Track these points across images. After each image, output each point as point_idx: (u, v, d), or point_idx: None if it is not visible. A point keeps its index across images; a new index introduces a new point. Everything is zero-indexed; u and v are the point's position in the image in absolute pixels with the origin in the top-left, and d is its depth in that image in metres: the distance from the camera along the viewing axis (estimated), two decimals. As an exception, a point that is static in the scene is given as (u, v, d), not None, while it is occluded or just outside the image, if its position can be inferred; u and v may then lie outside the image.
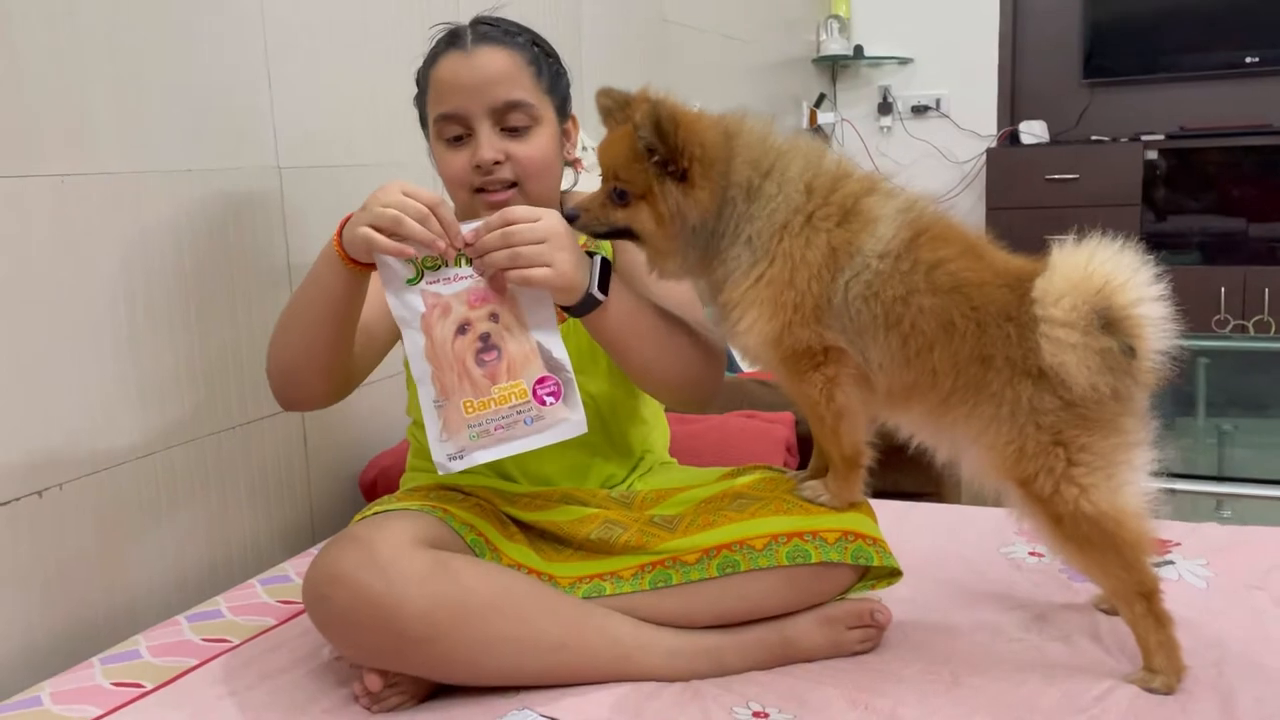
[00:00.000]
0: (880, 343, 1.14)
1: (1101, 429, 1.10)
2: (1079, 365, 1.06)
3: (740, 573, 1.18)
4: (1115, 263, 1.07)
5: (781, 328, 1.13)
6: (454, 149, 1.29)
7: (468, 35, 1.30)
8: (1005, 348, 1.11)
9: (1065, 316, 1.06)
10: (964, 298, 1.12)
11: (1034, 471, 1.11)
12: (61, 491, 1.37)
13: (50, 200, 1.34)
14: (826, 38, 4.46)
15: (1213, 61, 4.23)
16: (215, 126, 1.58)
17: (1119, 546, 1.11)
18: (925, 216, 1.15)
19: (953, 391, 1.13)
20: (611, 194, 1.17)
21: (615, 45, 2.77)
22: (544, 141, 1.31)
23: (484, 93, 1.27)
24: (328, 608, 1.12)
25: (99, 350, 1.41)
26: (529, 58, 1.31)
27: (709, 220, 1.14)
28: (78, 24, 1.37)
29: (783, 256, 1.13)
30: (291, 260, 1.71)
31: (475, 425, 1.13)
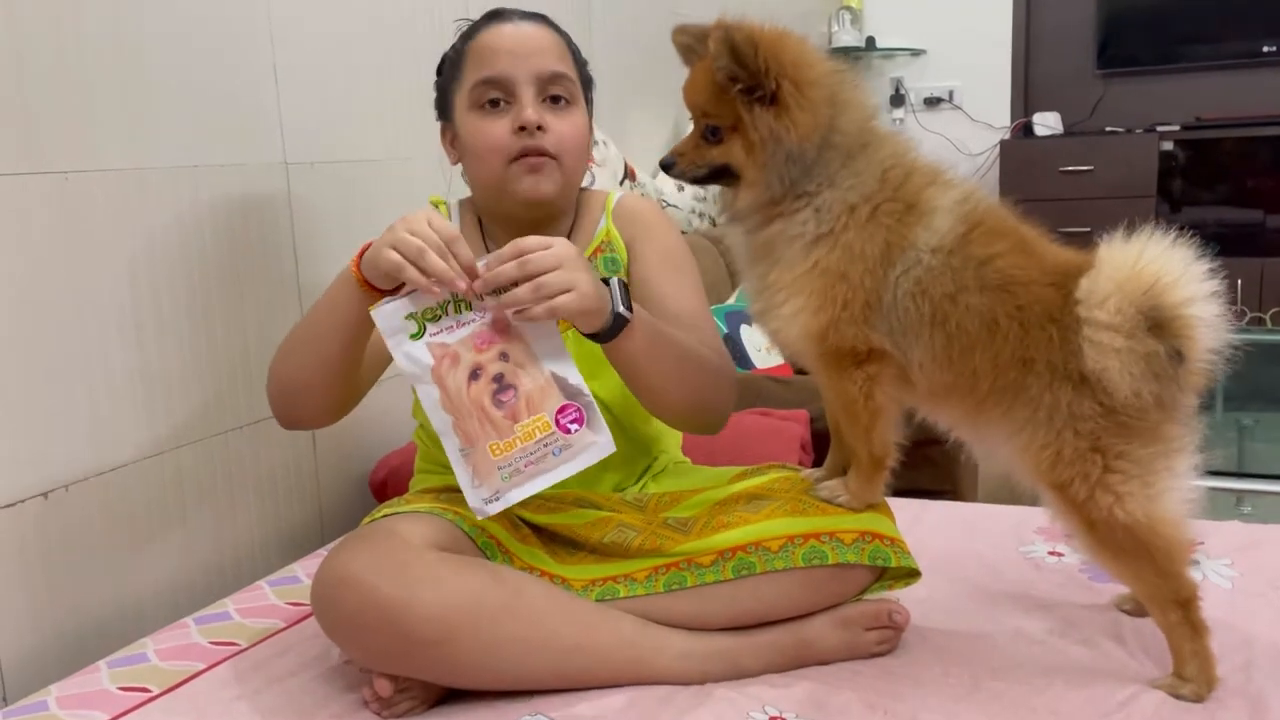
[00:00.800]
0: (924, 341, 1.10)
1: (1141, 437, 1.06)
2: (1122, 371, 1.02)
3: (756, 574, 1.16)
4: (1166, 260, 1.02)
5: (828, 324, 1.09)
6: (490, 116, 1.28)
7: (513, 12, 1.32)
8: (1047, 351, 1.07)
9: (1110, 319, 1.02)
10: (1010, 296, 1.08)
11: (1069, 477, 1.08)
12: (68, 493, 1.35)
13: (54, 198, 1.33)
14: (838, 29, 4.43)
15: (1229, 51, 4.19)
16: (221, 122, 1.56)
17: (1154, 554, 1.07)
18: (980, 208, 1.11)
19: (990, 393, 1.10)
20: (705, 133, 1.11)
21: (625, 38, 2.75)
22: (580, 121, 1.32)
23: (530, 59, 1.28)
24: (336, 611, 1.10)
25: (105, 349, 1.40)
26: (567, 42, 1.34)
27: (808, 150, 1.07)
28: (82, 20, 1.35)
29: (843, 247, 1.08)
30: (299, 256, 1.70)
31: (505, 466, 1.11)
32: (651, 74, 2.93)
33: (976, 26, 4.45)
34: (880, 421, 1.14)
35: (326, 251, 1.74)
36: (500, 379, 1.12)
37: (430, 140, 1.40)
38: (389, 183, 1.87)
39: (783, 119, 1.06)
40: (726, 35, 1.04)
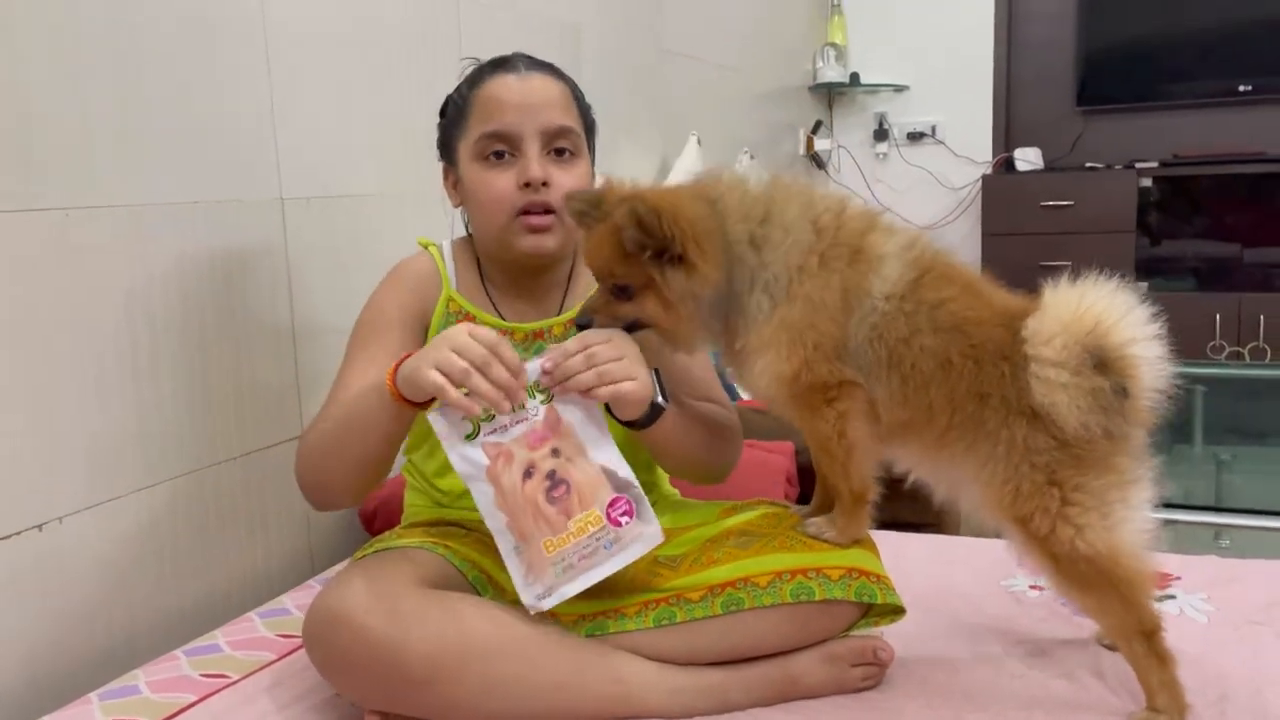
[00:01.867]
0: (883, 382, 1.14)
1: (1095, 468, 1.10)
2: (1069, 405, 1.07)
3: (745, 610, 1.18)
4: (1108, 302, 1.08)
5: (800, 365, 1.13)
6: (495, 169, 1.30)
7: (519, 61, 1.32)
8: (1000, 386, 1.11)
9: (1056, 356, 1.07)
10: (963, 336, 1.12)
11: (1030, 511, 1.11)
12: (61, 525, 1.36)
13: (54, 234, 1.35)
14: (823, 65, 4.49)
15: (1206, 90, 4.27)
16: (218, 158, 1.58)
17: (1116, 586, 1.11)
18: (927, 255, 1.16)
19: (949, 429, 1.14)
20: (613, 291, 1.16)
21: (614, 73, 2.79)
22: (583, 172, 1.33)
23: (538, 113, 1.28)
24: (328, 649, 1.11)
25: (100, 382, 1.41)
26: (574, 93, 1.35)
27: (721, 287, 1.13)
28: (82, 57, 1.38)
29: (803, 299, 1.12)
30: (293, 291, 1.72)
31: (559, 562, 1.13)
32: (639, 109, 2.97)
33: (959, 64, 4.52)
34: (855, 457, 1.17)
35: (321, 286, 1.76)
36: (553, 475, 1.14)
37: (424, 178, 1.43)
38: (383, 219, 1.89)
39: (693, 275, 1.11)
40: (633, 208, 1.09)
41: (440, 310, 1.37)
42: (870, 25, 4.58)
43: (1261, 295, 3.96)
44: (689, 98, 3.29)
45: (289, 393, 1.73)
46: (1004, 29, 4.52)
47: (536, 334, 1.38)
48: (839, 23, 4.58)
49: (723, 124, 3.51)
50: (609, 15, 2.78)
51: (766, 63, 4.06)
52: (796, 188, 1.18)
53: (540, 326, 1.38)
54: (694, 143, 3.13)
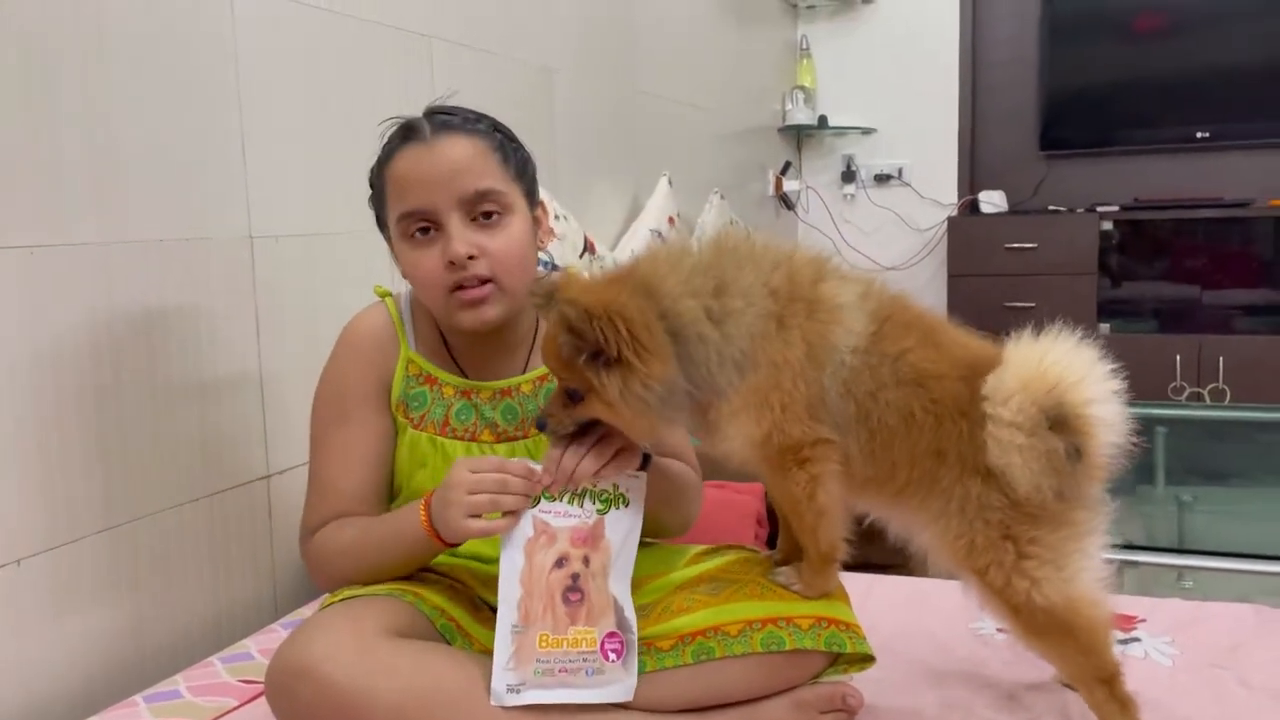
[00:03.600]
0: (853, 437, 1.13)
1: (1050, 523, 1.10)
2: (1023, 468, 1.05)
3: (715, 659, 1.17)
4: (1069, 360, 1.06)
5: (770, 428, 1.10)
6: (421, 247, 1.23)
7: (425, 126, 1.23)
8: (958, 443, 1.10)
9: (1012, 417, 1.05)
10: (924, 390, 1.11)
11: (985, 564, 1.11)
12: (19, 568, 1.33)
13: (19, 271, 1.33)
14: (792, 107, 4.56)
15: (1165, 136, 4.37)
16: (188, 196, 1.58)
17: (1075, 634, 1.11)
18: (885, 303, 1.14)
19: (907, 484, 1.13)
20: (565, 393, 1.14)
21: (586, 112, 2.81)
22: (517, 230, 1.25)
23: (450, 183, 1.20)
24: (293, 701, 1.09)
25: (61, 423, 1.39)
26: (493, 144, 1.25)
27: (673, 379, 1.08)
28: (52, 92, 1.37)
29: (767, 364, 1.10)
30: (260, 329, 1.71)
31: (544, 661, 1.12)
32: (611, 147, 3.00)
33: (925, 107, 4.60)
34: (825, 521, 1.15)
35: (288, 324, 1.75)
36: (575, 579, 1.15)
37: None
38: (351, 257, 1.89)
39: (635, 375, 1.06)
40: (562, 315, 1.06)
41: (400, 373, 1.32)
42: (838, 69, 4.66)
43: (1221, 337, 4.04)
44: (661, 138, 3.32)
45: (255, 434, 1.71)
46: (969, 74, 4.61)
47: (504, 392, 1.33)
48: (808, 66, 4.66)
49: (693, 164, 3.55)
50: (582, 56, 2.80)
51: (736, 104, 4.12)
52: (744, 249, 1.14)
53: (508, 385, 1.33)
54: (665, 183, 3.15)
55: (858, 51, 4.64)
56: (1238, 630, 1.48)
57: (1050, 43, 4.44)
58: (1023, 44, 4.53)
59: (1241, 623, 1.50)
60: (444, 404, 1.31)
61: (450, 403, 1.32)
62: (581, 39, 2.81)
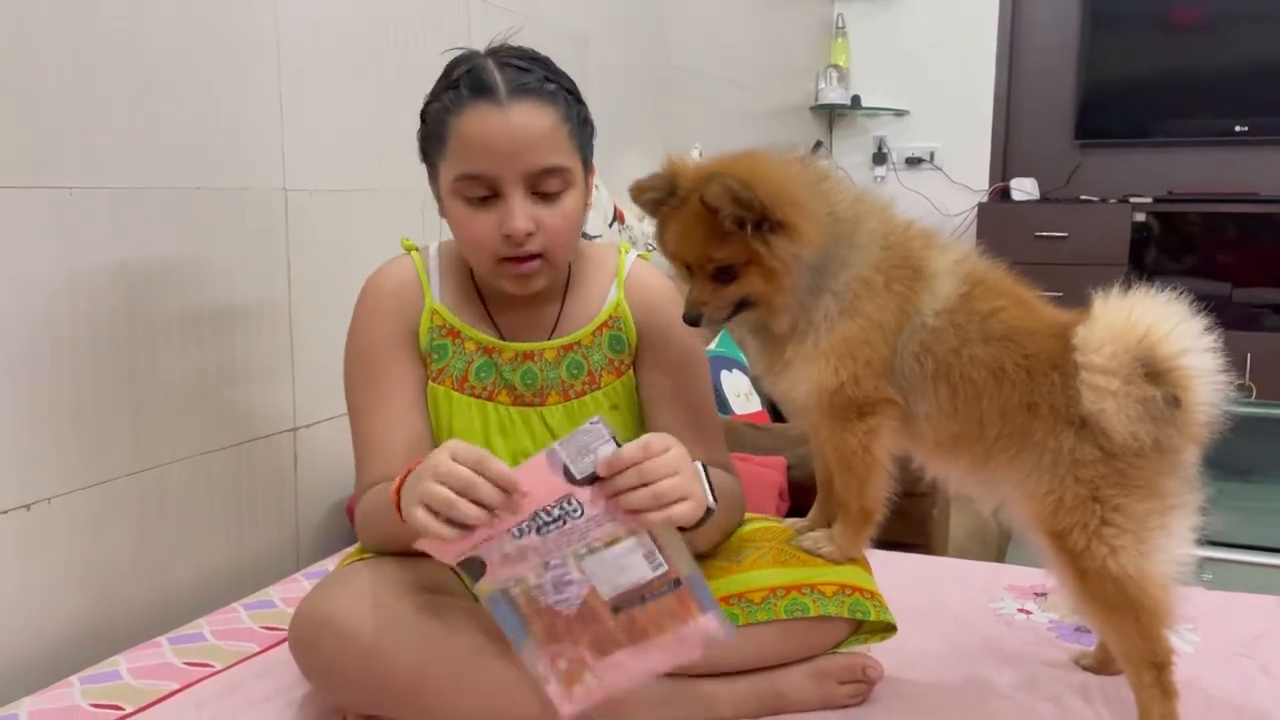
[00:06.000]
0: (929, 395, 1.13)
1: (1140, 490, 1.09)
2: (1118, 412, 1.05)
3: (738, 625, 1.17)
4: (1159, 313, 1.06)
5: (848, 379, 1.12)
6: (476, 208, 1.18)
7: (500, 85, 1.15)
8: (1050, 395, 1.10)
9: (1105, 363, 1.05)
10: (1016, 345, 1.12)
11: (1070, 525, 1.10)
12: (50, 505, 1.35)
13: (56, 211, 1.34)
14: (825, 86, 4.52)
15: (1202, 129, 4.31)
16: (225, 146, 1.58)
17: (1139, 613, 1.10)
18: (979, 268, 1.16)
19: (997, 440, 1.13)
20: (714, 276, 1.12)
21: (619, 81, 2.80)
22: (573, 205, 1.21)
23: (520, 158, 1.15)
24: (316, 656, 1.10)
25: (95, 365, 1.40)
26: (565, 113, 1.18)
27: (823, 250, 1.10)
28: (93, 36, 1.37)
29: (864, 316, 1.11)
30: (292, 281, 1.71)
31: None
32: (643, 117, 2.98)
33: (959, 91, 4.55)
34: (875, 475, 1.16)
35: (319, 278, 1.76)
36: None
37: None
38: (383, 213, 1.89)
39: (796, 240, 1.08)
40: (726, 186, 1.06)
41: (425, 324, 1.27)
42: (873, 49, 4.62)
43: (1249, 334, 3.99)
44: (692, 111, 3.30)
45: (283, 386, 1.72)
46: (1005, 59, 4.56)
47: (526, 355, 1.28)
48: (842, 45, 4.61)
49: (724, 139, 3.51)
50: (618, 26, 2.79)
51: (770, 81, 4.08)
52: (879, 202, 1.17)
53: (531, 348, 1.28)
54: (696, 155, 3.13)
55: (894, 32, 4.59)
56: (1261, 620, 1.47)
57: (1089, 31, 4.38)
58: (1061, 31, 4.47)
59: (1265, 613, 1.49)
60: (465, 359, 1.27)
61: (471, 358, 1.27)
62: (618, 7, 2.79)
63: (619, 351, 1.30)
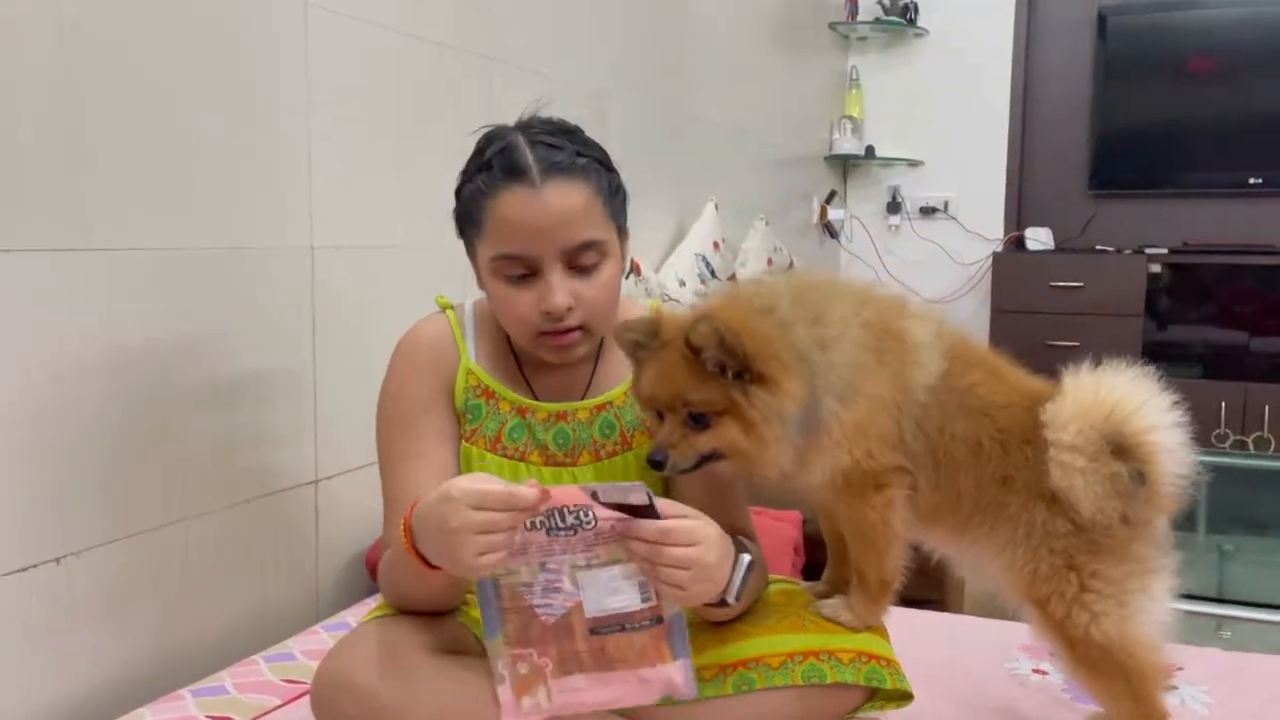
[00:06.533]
0: (923, 470, 1.15)
1: (1113, 556, 1.12)
2: (1085, 489, 1.08)
3: (755, 690, 1.17)
4: (1126, 390, 1.09)
5: (861, 455, 1.12)
6: (518, 288, 1.19)
7: (533, 166, 1.16)
8: (1024, 470, 1.13)
9: (1072, 440, 1.08)
10: (991, 420, 1.14)
11: (1047, 594, 1.13)
12: (78, 559, 1.38)
13: (99, 273, 1.38)
14: (839, 137, 4.57)
15: (1217, 180, 4.33)
16: (255, 206, 1.63)
17: (1128, 676, 1.12)
18: (954, 341, 1.18)
19: (974, 512, 1.15)
20: (686, 421, 1.09)
21: (639, 137, 2.85)
22: (610, 275, 1.22)
23: (557, 235, 1.16)
24: (335, 714, 1.12)
25: (130, 419, 1.43)
26: (599, 186, 1.19)
27: (806, 399, 1.08)
28: (133, 101, 1.42)
29: (865, 396, 1.11)
30: (316, 336, 1.75)
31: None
32: (660, 170, 3.03)
33: (974, 141, 4.59)
34: (894, 546, 1.17)
35: (344, 332, 1.79)
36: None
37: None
38: (408, 269, 1.93)
39: (777, 394, 1.06)
40: (714, 328, 1.04)
41: (461, 385, 1.28)
42: (887, 100, 4.67)
43: (1267, 385, 3.97)
44: (708, 163, 3.35)
45: (306, 439, 1.75)
46: (1019, 109, 4.60)
47: (559, 415, 1.28)
48: (856, 96, 4.67)
49: (739, 190, 3.57)
50: (634, 81, 2.84)
51: (784, 132, 4.14)
52: (827, 283, 1.18)
53: (564, 409, 1.28)
54: (712, 208, 3.18)
55: (908, 83, 4.64)
56: (1275, 683, 1.46)
57: (1103, 81, 4.42)
58: (1075, 81, 4.52)
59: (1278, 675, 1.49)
60: (499, 419, 1.28)
61: (505, 419, 1.28)
62: (634, 64, 2.85)
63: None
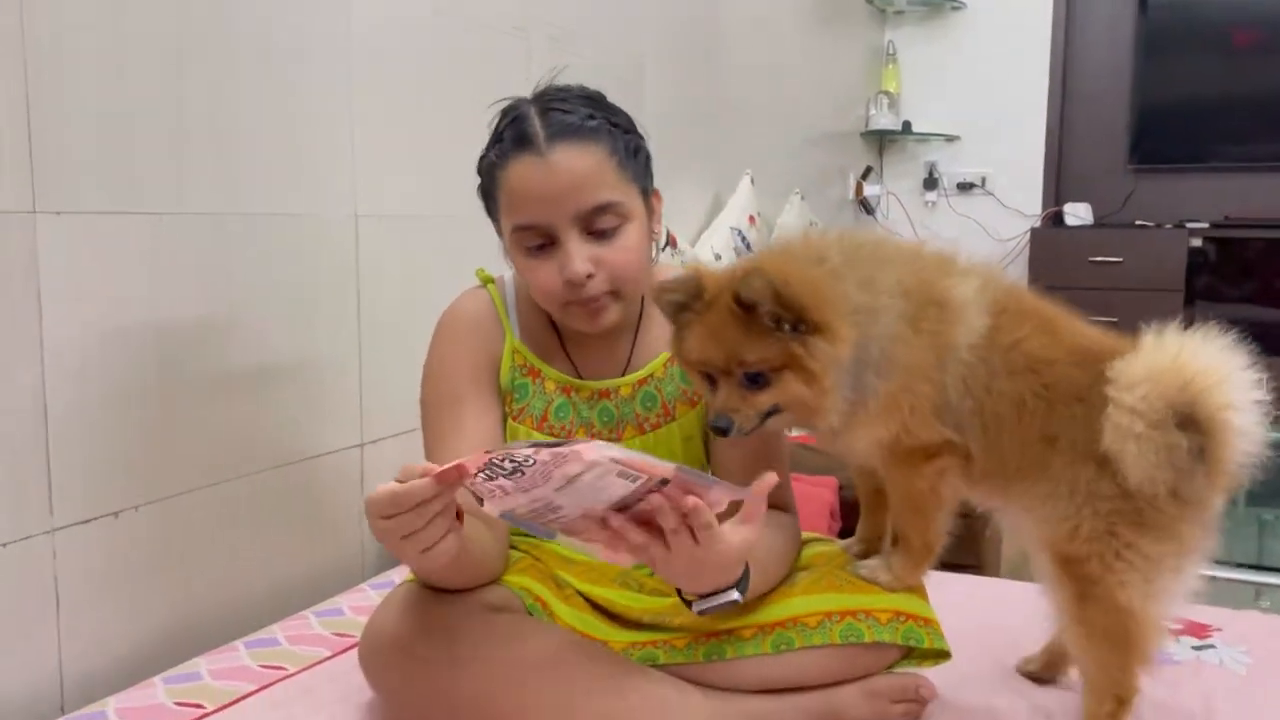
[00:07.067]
0: (972, 431, 1.12)
1: (1155, 532, 1.07)
2: (1139, 456, 1.02)
3: (794, 650, 1.19)
4: (1211, 360, 1.02)
5: (899, 430, 1.10)
6: (538, 258, 1.19)
7: (540, 134, 1.15)
8: (1070, 428, 1.09)
9: (1135, 403, 1.02)
10: (1036, 376, 1.10)
11: (1086, 554, 1.10)
12: (137, 513, 1.42)
13: (146, 235, 1.42)
14: (876, 112, 4.54)
15: (1259, 153, 4.26)
16: (301, 175, 1.66)
17: (1127, 648, 1.10)
18: (1001, 294, 1.14)
19: (1017, 471, 1.13)
20: (743, 382, 1.05)
21: (673, 108, 2.86)
22: (635, 238, 1.19)
23: (568, 200, 1.15)
24: (385, 675, 1.16)
25: (179, 381, 1.48)
26: (610, 147, 1.17)
27: (858, 349, 1.05)
28: (183, 72, 1.46)
29: (900, 369, 1.08)
30: (361, 304, 1.78)
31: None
32: (696, 144, 3.03)
33: (1011, 116, 4.55)
34: (941, 514, 1.16)
35: (387, 301, 1.83)
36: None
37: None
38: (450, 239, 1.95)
39: (835, 341, 1.03)
40: (767, 280, 1.00)
41: (507, 362, 1.29)
42: (924, 75, 4.63)
43: (1309, 361, 3.93)
44: (744, 137, 3.35)
45: (351, 404, 1.79)
46: (1058, 83, 4.55)
47: (602, 394, 1.29)
48: (893, 71, 4.64)
49: (775, 165, 3.57)
50: (671, 53, 2.85)
51: (820, 107, 4.12)
52: (877, 244, 1.14)
53: (608, 386, 1.29)
54: (748, 181, 3.18)
55: (945, 58, 4.60)
56: (1317, 646, 1.46)
57: (1144, 54, 4.36)
58: (1116, 54, 4.46)
59: (1321, 639, 1.49)
60: (545, 399, 1.29)
61: (551, 398, 1.29)
62: (670, 37, 2.86)
63: (690, 382, 1.29)
